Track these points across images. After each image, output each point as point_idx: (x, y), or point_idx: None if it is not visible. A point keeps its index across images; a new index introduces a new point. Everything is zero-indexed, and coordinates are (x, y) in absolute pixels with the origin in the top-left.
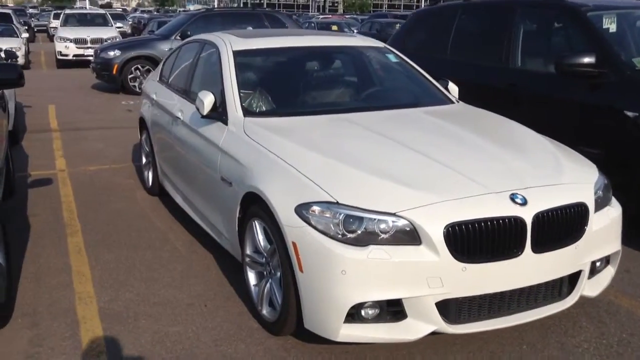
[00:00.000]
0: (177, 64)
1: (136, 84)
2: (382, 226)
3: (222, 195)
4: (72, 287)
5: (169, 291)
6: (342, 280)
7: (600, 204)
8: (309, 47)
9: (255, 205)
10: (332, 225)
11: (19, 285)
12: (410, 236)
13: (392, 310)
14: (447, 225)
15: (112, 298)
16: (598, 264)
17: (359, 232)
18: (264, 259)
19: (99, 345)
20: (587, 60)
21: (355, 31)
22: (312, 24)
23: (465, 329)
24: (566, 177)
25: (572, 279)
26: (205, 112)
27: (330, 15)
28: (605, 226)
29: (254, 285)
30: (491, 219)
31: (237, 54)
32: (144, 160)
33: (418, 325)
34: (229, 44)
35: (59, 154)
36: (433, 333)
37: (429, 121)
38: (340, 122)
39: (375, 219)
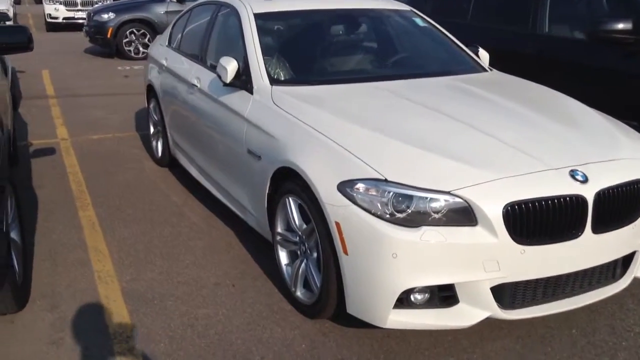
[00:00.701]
0: (189, 27)
1: (131, 49)
2: (434, 205)
3: (249, 169)
4: (91, 266)
5: (193, 270)
6: (392, 263)
7: None
8: (334, 10)
9: (289, 181)
10: (379, 204)
11: (34, 263)
12: (465, 216)
13: (443, 295)
14: (506, 205)
15: (134, 277)
16: None
17: (409, 211)
18: (297, 238)
19: (126, 329)
20: (623, 26)
21: None
22: None
23: (519, 314)
24: (624, 151)
25: (626, 261)
26: (228, 80)
27: None
28: None
29: (285, 264)
30: (552, 198)
31: (258, 16)
32: (152, 129)
33: (471, 311)
34: (249, 6)
35: (59, 121)
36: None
37: (469, 91)
38: (375, 91)
39: (427, 198)
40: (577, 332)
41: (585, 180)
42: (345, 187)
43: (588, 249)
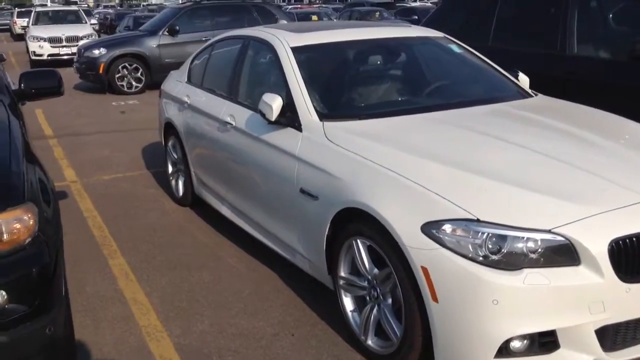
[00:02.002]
0: (212, 64)
1: (124, 84)
2: (531, 245)
3: (302, 210)
4: (134, 320)
5: (244, 319)
6: (492, 311)
7: None
8: (371, 40)
9: (356, 223)
10: (470, 246)
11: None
12: (566, 256)
13: (543, 341)
14: (611, 241)
15: (184, 331)
16: None
17: (504, 252)
18: (366, 283)
19: None
20: None
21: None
22: (290, 15)
23: (622, 356)
24: None
25: None
26: (274, 118)
27: (299, 6)
28: None
29: (351, 311)
30: None
31: (295, 50)
32: (170, 168)
33: (573, 357)
34: (284, 40)
35: (65, 163)
36: None
37: (527, 118)
38: (432, 123)
39: (523, 238)
40: None
41: None
42: (431, 229)
43: None
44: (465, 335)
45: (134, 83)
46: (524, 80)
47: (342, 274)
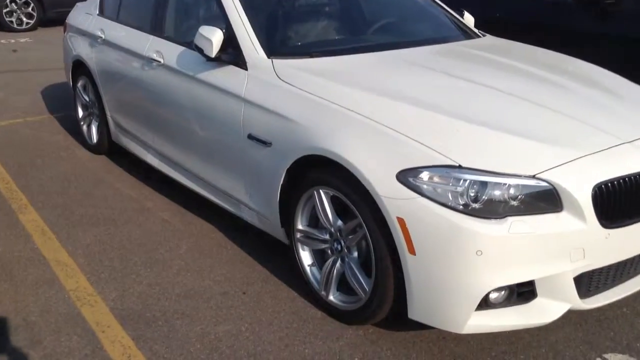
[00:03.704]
0: None
1: (13, 19)
2: (512, 192)
3: (250, 158)
4: (60, 283)
5: (187, 278)
6: (476, 262)
7: None
8: None
9: (318, 172)
10: (449, 195)
11: None
12: (549, 202)
13: (521, 290)
14: (595, 186)
15: (120, 294)
16: None
17: (484, 199)
18: (327, 235)
19: None
20: None
21: None
22: None
23: (597, 301)
24: None
25: None
26: (214, 54)
27: None
28: None
29: (309, 265)
30: (635, 174)
31: None
32: (80, 112)
33: (550, 305)
34: None
35: None
36: None
37: (489, 59)
38: (394, 63)
39: (505, 184)
40: (628, 311)
41: None
42: (408, 177)
43: None
44: (444, 288)
45: (24, 19)
46: (469, 19)
47: (300, 226)
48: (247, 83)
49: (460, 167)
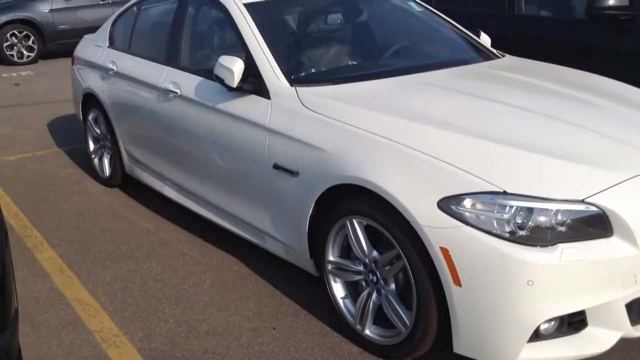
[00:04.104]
0: (141, 25)
1: (14, 53)
2: (560, 217)
3: (276, 188)
4: (83, 324)
5: (214, 314)
6: (527, 292)
7: None
8: None
9: (351, 201)
10: (495, 222)
11: None
12: (599, 227)
13: (572, 320)
14: None
15: (147, 333)
16: None
17: (531, 227)
18: (361, 266)
19: None
20: (618, 2)
21: None
22: None
23: None
24: None
25: None
26: (235, 84)
27: None
28: None
29: (342, 298)
30: None
31: (249, 6)
32: (91, 145)
33: (601, 334)
34: None
35: None
36: None
37: (514, 80)
38: (420, 87)
39: (551, 210)
40: None
41: None
42: (450, 205)
43: None
44: (493, 320)
45: (25, 52)
46: (485, 39)
47: (331, 257)
48: (270, 112)
49: (505, 193)
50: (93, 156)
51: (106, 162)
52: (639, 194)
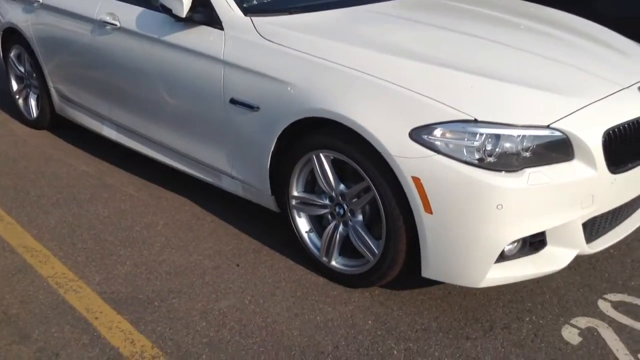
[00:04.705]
0: None
1: None
2: (526, 143)
3: (234, 124)
4: (35, 271)
5: (173, 254)
6: (496, 216)
7: None
8: None
9: (318, 135)
10: (465, 150)
11: None
12: (561, 151)
13: (533, 241)
14: (605, 132)
15: (105, 277)
16: None
17: (498, 153)
18: (327, 200)
19: (144, 349)
20: None
21: None
22: None
23: (601, 245)
24: None
25: None
26: (185, 13)
27: None
28: None
29: (307, 232)
30: (636, 120)
31: None
32: (15, 85)
33: (559, 253)
34: None
35: None
36: None
37: (473, 11)
38: (378, 17)
39: (518, 136)
40: (616, 252)
41: None
42: (421, 135)
43: None
44: (462, 244)
45: None
46: None
47: (295, 193)
48: (225, 44)
49: (476, 121)
50: (17, 97)
51: (32, 102)
52: (598, 118)
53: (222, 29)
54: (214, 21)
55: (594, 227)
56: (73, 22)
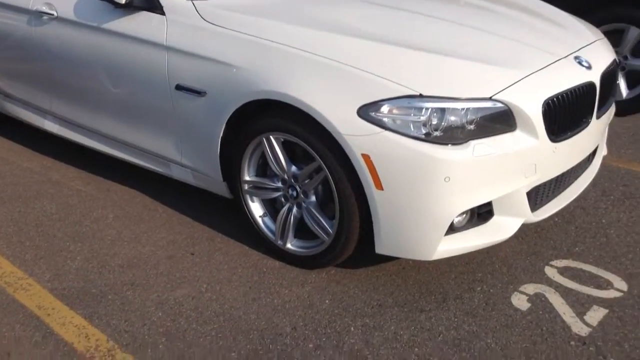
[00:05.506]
0: None
1: None
2: (470, 116)
3: (182, 111)
4: None
5: (125, 247)
6: (444, 188)
7: None
8: None
9: (267, 117)
10: (412, 126)
11: None
12: (504, 122)
13: (481, 212)
14: (544, 102)
15: (56, 273)
16: None
17: (443, 127)
18: (280, 182)
19: (99, 342)
20: None
21: None
22: None
23: (545, 212)
24: (591, 33)
25: None
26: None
27: None
28: None
29: (260, 216)
30: (574, 89)
31: None
32: None
33: (506, 222)
34: None
35: None
36: None
37: None
38: None
39: (462, 109)
40: (560, 220)
41: (589, 66)
42: (369, 112)
43: (591, 136)
44: (413, 218)
45: None
46: None
47: (247, 177)
48: (167, 29)
49: (421, 96)
50: None
51: None
52: (537, 89)
53: (163, 13)
54: (155, 6)
55: (537, 196)
56: (7, 14)
